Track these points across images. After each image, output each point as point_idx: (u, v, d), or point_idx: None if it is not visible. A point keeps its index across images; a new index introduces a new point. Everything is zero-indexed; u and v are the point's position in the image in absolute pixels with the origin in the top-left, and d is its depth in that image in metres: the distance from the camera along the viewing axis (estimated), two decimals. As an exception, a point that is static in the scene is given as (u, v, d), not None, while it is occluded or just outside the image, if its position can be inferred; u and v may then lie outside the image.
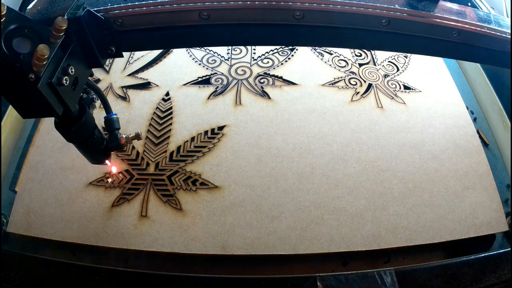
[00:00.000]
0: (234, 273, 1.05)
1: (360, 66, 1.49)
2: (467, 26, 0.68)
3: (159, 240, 1.02)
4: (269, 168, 1.16)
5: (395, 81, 1.45)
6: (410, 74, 1.49)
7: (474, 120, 1.38)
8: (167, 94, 1.35)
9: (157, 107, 1.31)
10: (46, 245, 1.07)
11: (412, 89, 1.42)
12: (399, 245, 1.04)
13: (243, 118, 1.28)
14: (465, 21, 0.68)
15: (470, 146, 1.26)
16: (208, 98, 1.34)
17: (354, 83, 1.41)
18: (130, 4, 0.63)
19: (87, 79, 0.71)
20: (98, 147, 0.83)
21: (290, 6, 0.63)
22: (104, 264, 0.93)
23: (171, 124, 1.27)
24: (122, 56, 0.68)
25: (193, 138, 1.23)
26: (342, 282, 0.83)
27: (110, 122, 0.86)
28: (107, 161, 0.92)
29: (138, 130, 0.91)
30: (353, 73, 1.46)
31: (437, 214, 1.09)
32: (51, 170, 1.15)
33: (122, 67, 1.45)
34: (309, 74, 1.44)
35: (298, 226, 1.05)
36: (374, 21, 0.66)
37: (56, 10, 0.60)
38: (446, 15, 0.68)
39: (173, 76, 1.42)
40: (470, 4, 1.44)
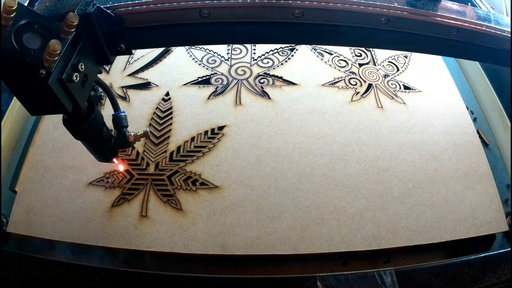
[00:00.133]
0: (234, 273, 1.05)
1: (360, 66, 1.49)
2: (466, 24, 0.68)
3: (159, 240, 1.02)
4: (269, 168, 1.16)
5: (395, 81, 1.45)
6: (410, 74, 1.49)
7: (474, 120, 1.38)
8: (167, 94, 1.35)
9: (157, 107, 1.31)
10: (46, 245, 1.07)
11: (412, 89, 1.42)
12: (399, 245, 1.04)
13: (243, 118, 1.28)
14: (464, 19, 0.68)
15: (470, 146, 1.26)
16: (208, 98, 1.34)
17: (354, 83, 1.41)
18: (131, 2, 0.63)
19: (96, 76, 0.71)
20: (106, 145, 0.83)
21: (290, 4, 0.63)
22: (104, 264, 0.93)
23: (171, 124, 1.27)
24: (131, 53, 0.69)
25: (193, 138, 1.23)
26: (342, 282, 0.83)
27: (118, 120, 0.86)
28: (114, 159, 0.92)
29: (146, 128, 0.91)
30: (353, 73, 1.46)
31: (437, 214, 1.09)
32: (51, 170, 1.15)
33: (122, 67, 1.45)
34: (309, 74, 1.44)
35: (298, 226, 1.05)
36: (373, 19, 0.66)
37: (65, 7, 0.59)
38: (445, 13, 0.68)
39: (173, 76, 1.42)
40: (470, 3, 1.44)
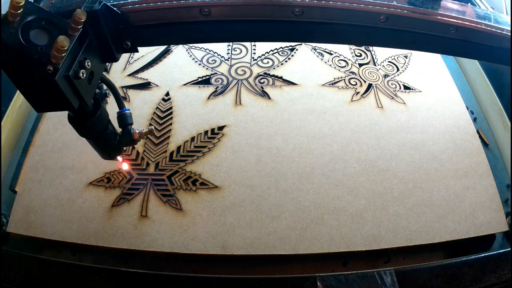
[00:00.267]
0: (234, 273, 1.06)
1: (360, 66, 1.49)
2: (465, 23, 0.69)
3: (159, 240, 1.02)
4: (269, 168, 1.16)
5: (395, 81, 1.45)
6: (410, 74, 1.49)
7: (474, 120, 1.38)
8: (167, 94, 1.35)
9: (157, 107, 1.31)
10: (46, 245, 1.07)
11: (412, 89, 1.42)
12: (399, 245, 1.04)
13: (243, 118, 1.28)
14: (463, 17, 0.69)
15: (470, 146, 1.26)
16: (208, 98, 1.34)
17: (354, 83, 1.41)
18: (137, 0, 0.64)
19: (102, 74, 0.71)
20: (111, 142, 0.83)
21: (290, 2, 0.64)
22: (104, 264, 0.93)
23: (171, 124, 1.27)
24: (137, 51, 0.69)
25: (193, 138, 1.23)
26: (342, 282, 0.83)
27: (123, 117, 0.86)
28: (119, 156, 0.92)
29: (152, 126, 0.91)
30: (353, 73, 1.46)
31: (437, 214, 1.09)
32: (51, 170, 1.15)
33: (122, 67, 1.45)
34: (309, 74, 1.44)
35: (298, 226, 1.05)
36: (372, 17, 0.67)
37: (71, 4, 0.60)
38: (444, 12, 0.68)
39: (173, 76, 1.42)
40: (469, 3, 1.45)
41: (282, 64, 1.48)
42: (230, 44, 1.55)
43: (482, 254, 0.91)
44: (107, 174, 1.14)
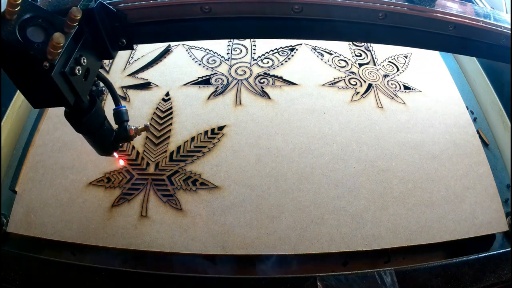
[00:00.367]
0: (234, 273, 1.05)
1: (360, 66, 1.49)
2: (463, 20, 0.69)
3: (159, 240, 1.02)
4: (269, 168, 1.16)
5: (395, 81, 1.45)
6: (410, 74, 1.49)
7: (474, 120, 1.38)
8: (167, 94, 1.35)
9: (157, 107, 1.31)
10: (46, 245, 1.07)
11: (412, 89, 1.42)
12: (399, 245, 1.04)
13: (243, 118, 1.28)
14: (461, 15, 0.69)
15: (470, 146, 1.26)
16: (208, 98, 1.34)
17: (354, 83, 1.41)
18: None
19: (98, 71, 0.72)
20: (107, 139, 0.84)
21: (289, -1, 0.64)
22: (104, 264, 0.93)
23: (171, 124, 1.27)
24: (133, 48, 0.70)
25: (193, 138, 1.23)
26: (342, 282, 0.83)
27: (119, 114, 0.87)
28: (115, 153, 0.93)
29: (147, 122, 0.91)
30: (353, 73, 1.46)
31: (437, 214, 1.09)
32: (51, 170, 1.15)
33: (122, 67, 1.45)
34: (309, 74, 1.44)
35: (298, 226, 1.05)
36: (371, 14, 0.67)
37: (67, 2, 0.61)
38: (442, 9, 0.68)
39: (173, 76, 1.42)
40: (469, 2, 1.45)
41: (282, 64, 1.48)
42: (230, 44, 1.55)
43: (482, 254, 0.91)
44: (107, 174, 1.14)
